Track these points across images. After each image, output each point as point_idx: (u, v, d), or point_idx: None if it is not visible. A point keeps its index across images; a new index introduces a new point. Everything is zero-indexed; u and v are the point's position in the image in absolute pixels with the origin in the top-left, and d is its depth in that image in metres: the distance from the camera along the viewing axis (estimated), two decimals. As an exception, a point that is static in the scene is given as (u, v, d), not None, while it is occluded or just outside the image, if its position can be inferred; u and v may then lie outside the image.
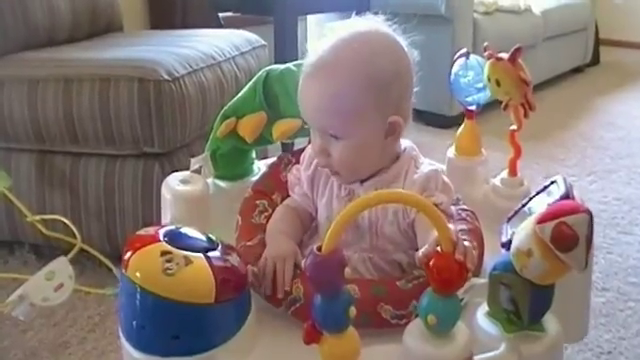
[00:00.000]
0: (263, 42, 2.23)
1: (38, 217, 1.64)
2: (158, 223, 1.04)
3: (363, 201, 0.65)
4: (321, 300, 0.65)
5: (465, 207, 1.04)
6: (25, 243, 1.86)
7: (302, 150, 1.04)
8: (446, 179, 0.94)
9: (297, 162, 1.04)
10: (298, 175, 1.00)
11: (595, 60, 4.37)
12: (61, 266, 1.40)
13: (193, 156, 1.05)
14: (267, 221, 0.99)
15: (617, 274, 1.81)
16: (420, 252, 0.73)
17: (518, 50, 1.03)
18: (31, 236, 1.79)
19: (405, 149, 0.96)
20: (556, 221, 0.66)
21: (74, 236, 1.57)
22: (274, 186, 1.05)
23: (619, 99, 3.67)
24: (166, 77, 1.64)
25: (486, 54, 1.06)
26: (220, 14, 3.06)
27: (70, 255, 1.48)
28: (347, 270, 0.64)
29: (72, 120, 1.65)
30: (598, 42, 4.35)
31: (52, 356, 1.47)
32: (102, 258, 1.67)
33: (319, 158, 0.92)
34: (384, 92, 0.88)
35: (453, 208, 1.02)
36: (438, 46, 2.89)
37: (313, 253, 0.63)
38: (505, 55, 1.04)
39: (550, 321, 0.77)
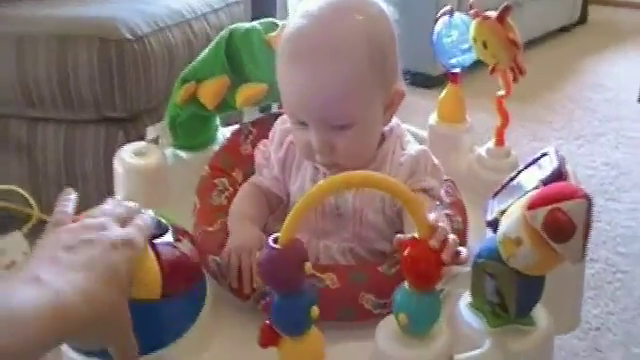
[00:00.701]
0: (238, -2, 2.11)
1: (-9, 187, 1.54)
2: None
3: (328, 184, 0.56)
4: (278, 299, 0.56)
5: (446, 177, 0.96)
6: (-18, 214, 1.77)
7: (264, 120, 0.94)
8: (435, 160, 0.86)
9: (259, 134, 0.94)
10: (267, 155, 0.89)
11: (583, 19, 4.26)
12: (14, 241, 1.31)
13: (145, 127, 0.96)
14: (228, 202, 0.89)
15: (605, 243, 1.75)
16: (399, 235, 0.65)
17: (507, 9, 0.94)
18: (-12, 206, 1.69)
19: (391, 128, 0.87)
20: (550, 207, 0.57)
21: (31, 207, 1.48)
22: (234, 161, 0.95)
23: (607, 60, 3.58)
24: (129, 36, 1.54)
25: (471, 12, 0.96)
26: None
27: (25, 228, 1.39)
28: (307, 264, 0.55)
29: (27, 82, 1.55)
30: (586, 0, 4.25)
31: None
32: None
33: (322, 156, 0.80)
34: (385, 62, 0.80)
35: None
36: (421, 3, 2.78)
37: (268, 245, 0.54)
38: (493, 14, 0.94)
39: (540, 313, 0.69)
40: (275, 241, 0.56)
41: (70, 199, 0.70)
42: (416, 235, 0.59)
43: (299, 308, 0.57)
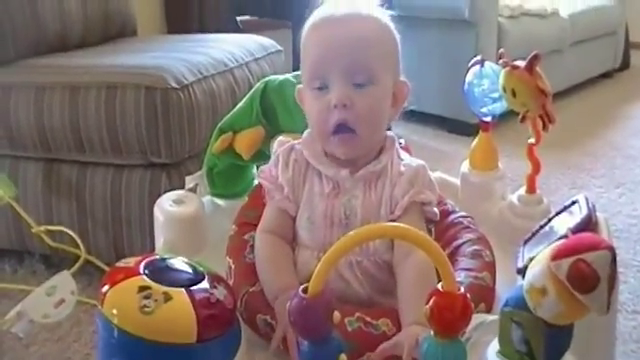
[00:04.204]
0: (279, 47, 2.17)
1: (43, 228, 1.61)
2: (152, 248, 0.99)
3: (353, 237, 0.58)
4: (307, 347, 0.58)
5: (464, 213, 0.99)
6: (35, 253, 1.83)
7: None
8: (432, 176, 0.90)
9: None
10: (273, 180, 0.90)
11: (625, 64, 4.23)
12: (63, 281, 1.35)
13: (190, 173, 1.00)
14: None
15: (649, 295, 1.71)
16: (380, 348, 0.72)
17: (536, 57, 0.96)
18: (40, 246, 1.75)
19: (389, 138, 0.92)
20: (573, 258, 0.58)
21: (79, 248, 1.53)
22: (259, 213, 0.94)
23: (650, 106, 3.54)
24: (174, 85, 1.59)
25: (501, 62, 0.99)
26: (238, 18, 3.02)
27: (74, 268, 1.44)
28: (336, 314, 0.58)
29: (78, 128, 1.62)
30: (628, 45, 4.22)
31: (54, 372, 1.42)
32: (108, 270, 1.62)
33: (338, 111, 0.83)
34: (397, 50, 0.90)
35: (453, 216, 0.99)
36: (461, 51, 2.81)
37: (298, 296, 0.57)
38: (522, 63, 0.96)
39: (569, 363, 0.69)
40: (305, 291, 0.58)
41: None
42: (439, 287, 0.60)
43: (327, 356, 0.59)
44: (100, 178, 1.68)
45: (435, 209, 0.88)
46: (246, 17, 3.12)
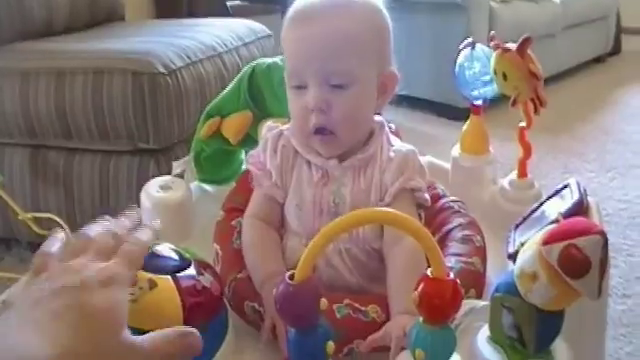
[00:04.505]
0: (268, 32, 2.15)
1: (30, 215, 1.59)
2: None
3: (340, 223, 0.57)
4: (294, 334, 0.57)
5: (454, 198, 0.98)
6: (22, 241, 1.82)
7: None
8: (422, 161, 0.88)
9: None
10: (261, 166, 0.88)
11: (616, 49, 4.23)
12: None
13: (178, 159, 0.98)
14: None
15: (639, 278, 1.71)
16: (369, 339, 0.72)
17: (527, 40, 0.94)
18: (27, 234, 1.73)
19: (378, 124, 0.89)
20: (565, 243, 0.57)
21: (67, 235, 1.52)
22: (246, 198, 0.91)
23: (641, 90, 3.54)
24: (162, 70, 1.58)
25: (492, 44, 0.97)
26: (228, 2, 2.99)
27: (61, 256, 1.42)
28: (323, 301, 0.56)
29: (64, 114, 1.60)
30: (620, 30, 4.22)
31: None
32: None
33: (315, 115, 0.81)
34: (384, 40, 0.85)
35: (443, 200, 0.97)
36: (452, 35, 2.79)
37: (284, 282, 0.56)
38: (513, 45, 0.95)
39: (560, 348, 0.68)
40: (291, 278, 0.56)
41: (57, 239, 0.63)
42: (429, 273, 0.59)
43: (315, 343, 0.57)
44: (88, 165, 1.66)
45: (426, 195, 0.86)
46: (236, 1, 3.09)
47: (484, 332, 0.70)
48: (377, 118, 0.89)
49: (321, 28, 0.80)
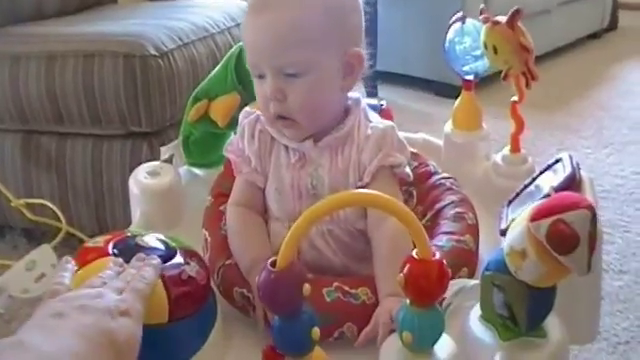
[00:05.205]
0: (261, 12, 2.12)
1: (22, 201, 1.58)
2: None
3: (321, 207, 0.56)
4: (279, 321, 0.57)
5: (446, 175, 0.97)
6: (16, 227, 1.81)
7: None
8: (401, 136, 0.86)
9: None
10: (240, 153, 0.88)
11: (613, 25, 4.19)
12: (43, 254, 1.33)
13: (171, 141, 0.97)
14: None
15: (635, 254, 1.71)
16: (362, 335, 0.72)
17: (517, 12, 0.93)
18: (21, 220, 1.72)
19: (355, 101, 0.87)
20: (552, 218, 0.57)
21: (60, 221, 1.51)
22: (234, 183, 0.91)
23: (638, 66, 3.51)
24: (153, 52, 1.56)
25: (481, 18, 0.96)
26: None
27: (55, 241, 1.42)
28: (306, 286, 0.56)
29: (55, 99, 1.58)
30: (616, 5, 4.17)
31: (37, 347, 1.41)
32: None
33: (271, 105, 0.81)
34: (343, 20, 0.82)
35: (435, 177, 0.96)
36: (447, 13, 2.74)
37: (266, 269, 0.55)
38: (503, 18, 0.94)
39: (553, 324, 0.68)
40: (273, 264, 0.56)
41: (68, 269, 0.67)
42: (414, 254, 0.59)
43: (299, 330, 0.57)
44: (80, 149, 1.65)
45: (407, 170, 0.85)
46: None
47: (476, 311, 0.70)
48: (353, 95, 0.87)
49: (270, 18, 0.79)
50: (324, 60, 0.80)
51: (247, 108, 0.89)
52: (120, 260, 0.69)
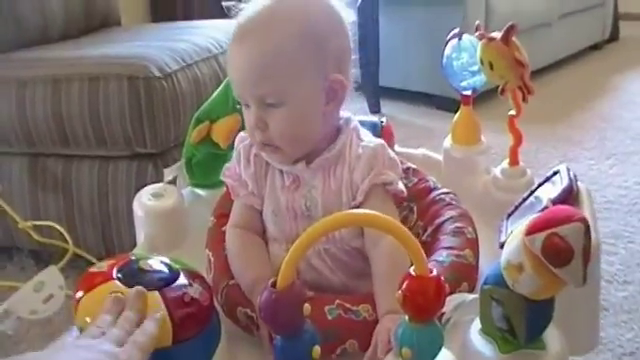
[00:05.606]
0: (263, 32, 2.14)
1: (29, 223, 1.59)
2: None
3: (318, 229, 0.57)
4: (280, 340, 0.58)
5: (446, 190, 0.98)
6: (24, 249, 1.82)
7: None
8: (392, 153, 0.87)
9: None
10: (236, 177, 0.89)
11: (614, 36, 4.21)
12: (51, 276, 1.34)
13: (167, 166, 0.99)
14: None
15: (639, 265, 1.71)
16: (365, 358, 0.72)
17: (511, 28, 0.95)
18: (28, 242, 1.73)
19: (345, 120, 0.88)
20: (547, 232, 0.58)
21: (67, 242, 1.52)
22: None
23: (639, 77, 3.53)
24: (157, 74, 1.58)
25: (477, 34, 0.98)
26: (224, 3, 2.99)
27: (62, 263, 1.43)
28: (307, 306, 0.57)
29: (61, 121, 1.60)
30: (617, 17, 4.19)
31: (46, 368, 1.41)
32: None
33: (255, 133, 0.82)
34: (322, 47, 0.81)
35: (435, 193, 0.97)
36: (448, 28, 2.78)
37: (267, 290, 0.56)
38: (498, 34, 0.95)
39: (552, 336, 0.69)
40: (274, 285, 0.57)
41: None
42: (412, 271, 0.60)
43: (300, 349, 0.58)
44: (86, 171, 1.66)
45: (400, 186, 0.86)
46: (232, 2, 3.09)
47: (475, 325, 0.71)
48: (344, 114, 0.88)
49: (247, 49, 0.80)
50: (302, 89, 0.80)
51: (242, 133, 0.90)
52: (120, 296, 0.68)
